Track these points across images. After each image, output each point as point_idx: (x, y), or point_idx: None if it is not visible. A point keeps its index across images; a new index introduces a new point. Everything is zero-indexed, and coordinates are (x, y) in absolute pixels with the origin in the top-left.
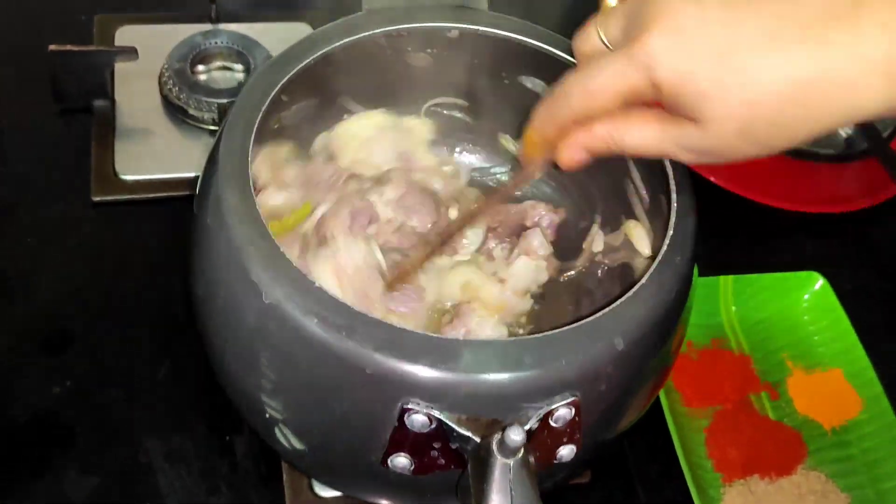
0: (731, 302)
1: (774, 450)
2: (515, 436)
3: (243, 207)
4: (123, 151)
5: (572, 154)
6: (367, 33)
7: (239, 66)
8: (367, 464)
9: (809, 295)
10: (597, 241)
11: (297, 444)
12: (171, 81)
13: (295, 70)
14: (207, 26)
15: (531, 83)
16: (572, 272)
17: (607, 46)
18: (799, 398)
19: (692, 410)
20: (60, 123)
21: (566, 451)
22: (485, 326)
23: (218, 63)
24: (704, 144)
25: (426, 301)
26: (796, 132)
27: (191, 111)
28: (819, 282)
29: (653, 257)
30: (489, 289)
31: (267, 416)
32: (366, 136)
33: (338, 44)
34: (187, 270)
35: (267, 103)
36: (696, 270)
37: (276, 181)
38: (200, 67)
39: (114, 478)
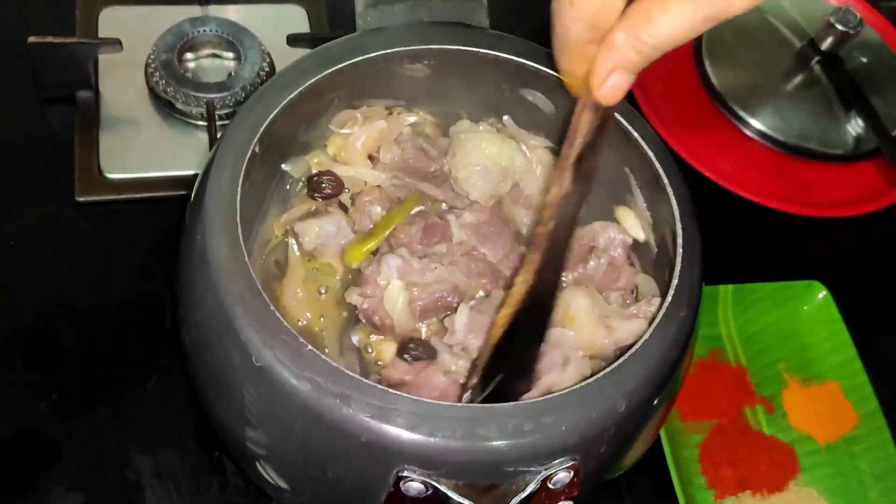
0: (730, 312)
1: (767, 465)
2: None
3: (232, 261)
4: (108, 147)
5: (607, 83)
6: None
7: (229, 55)
8: None
9: (810, 305)
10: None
11: (291, 497)
12: (157, 73)
13: (283, 102)
14: (196, 9)
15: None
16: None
17: None
18: (794, 412)
19: (687, 425)
20: (43, 114)
21: None
22: (574, 363)
23: (207, 51)
24: None
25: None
26: None
27: (178, 105)
28: (821, 293)
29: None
30: (593, 330)
31: (257, 466)
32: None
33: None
34: (174, 305)
35: (254, 142)
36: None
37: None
38: (189, 55)
39: (101, 496)
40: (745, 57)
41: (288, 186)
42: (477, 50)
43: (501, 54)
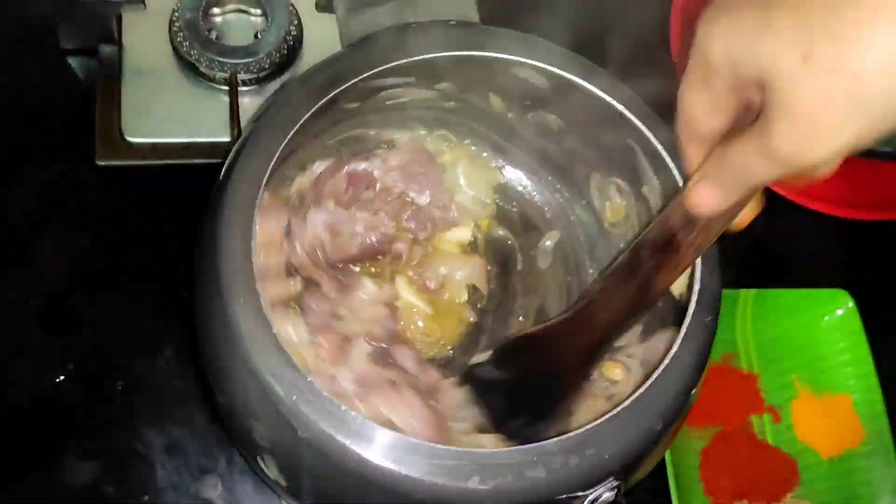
0: (748, 317)
1: (767, 476)
2: None
3: (260, 333)
4: (131, 107)
5: (697, 191)
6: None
7: (256, 11)
8: None
9: (832, 315)
10: None
11: None
12: (181, 35)
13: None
14: None
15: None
16: None
17: None
18: (801, 423)
19: (690, 429)
20: (65, 65)
21: None
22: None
23: (233, 6)
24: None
25: None
26: None
27: (202, 69)
28: (848, 304)
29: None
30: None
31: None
32: None
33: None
34: (197, 355)
35: (268, 172)
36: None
37: None
38: (215, 10)
39: (112, 467)
40: None
41: None
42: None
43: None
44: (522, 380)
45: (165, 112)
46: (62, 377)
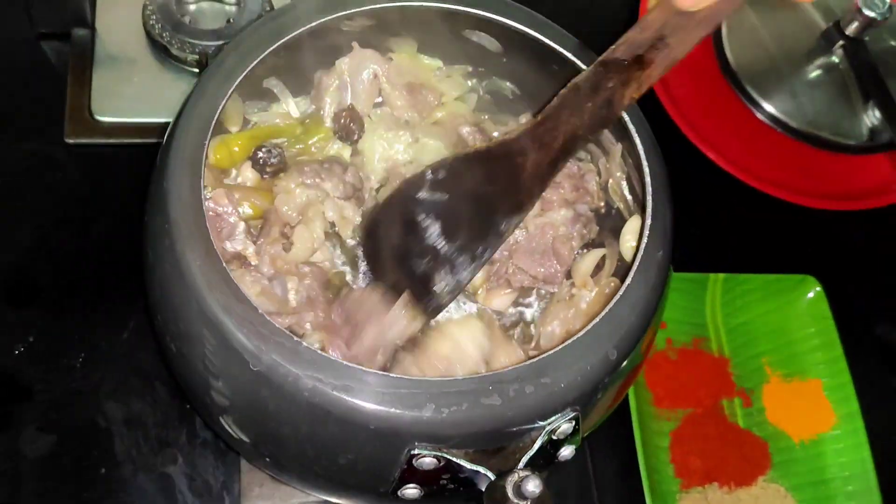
0: (718, 301)
1: (738, 459)
2: (533, 487)
3: (211, 273)
4: (101, 88)
5: None
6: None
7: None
8: (375, 494)
9: (802, 300)
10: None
11: (299, 483)
12: (154, 17)
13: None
14: None
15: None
16: None
17: None
18: (772, 407)
19: (661, 411)
20: (38, 49)
21: (567, 451)
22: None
23: None
24: None
25: None
26: None
27: (173, 51)
28: (815, 289)
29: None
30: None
31: (264, 465)
32: None
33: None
34: (149, 312)
35: (211, 128)
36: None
37: None
38: None
39: (71, 439)
40: (767, 35)
41: None
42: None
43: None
44: (459, 201)
45: (136, 93)
46: (21, 349)
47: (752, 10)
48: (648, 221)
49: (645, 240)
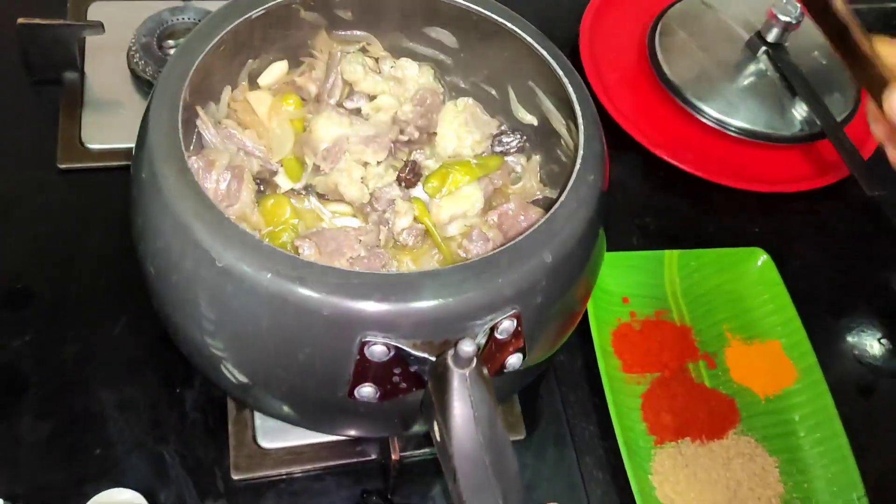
0: (675, 275)
1: (708, 415)
2: (467, 347)
3: (183, 184)
4: (91, 122)
5: None
6: None
7: None
8: (335, 399)
9: (753, 270)
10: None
11: (269, 399)
12: (137, 55)
13: (213, 41)
14: (178, 3)
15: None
16: None
17: None
18: (735, 368)
19: (630, 377)
20: (32, 94)
21: (514, 360)
22: None
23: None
24: None
25: None
26: None
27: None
28: (762, 257)
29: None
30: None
31: (233, 380)
32: None
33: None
34: (134, 245)
35: (191, 73)
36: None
37: None
38: (170, 42)
39: (67, 425)
40: (697, 49)
41: None
42: None
43: None
44: None
45: (122, 122)
46: (19, 345)
47: (680, 29)
48: (581, 152)
49: (578, 163)
